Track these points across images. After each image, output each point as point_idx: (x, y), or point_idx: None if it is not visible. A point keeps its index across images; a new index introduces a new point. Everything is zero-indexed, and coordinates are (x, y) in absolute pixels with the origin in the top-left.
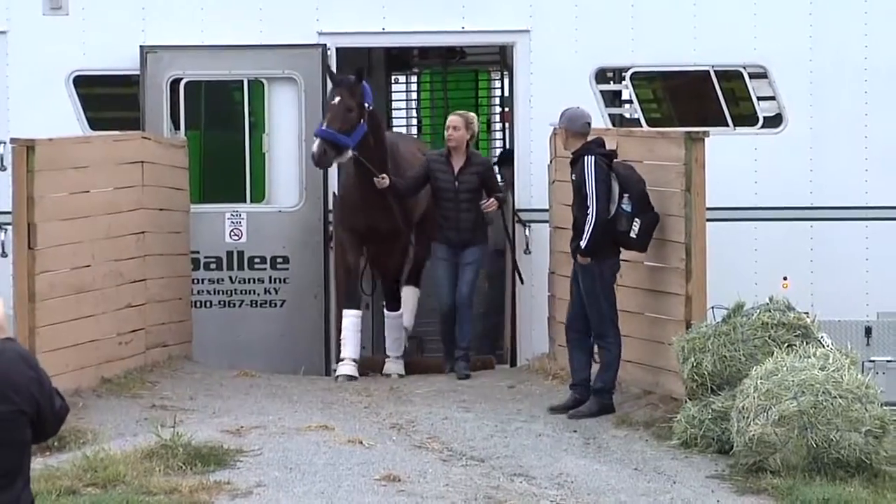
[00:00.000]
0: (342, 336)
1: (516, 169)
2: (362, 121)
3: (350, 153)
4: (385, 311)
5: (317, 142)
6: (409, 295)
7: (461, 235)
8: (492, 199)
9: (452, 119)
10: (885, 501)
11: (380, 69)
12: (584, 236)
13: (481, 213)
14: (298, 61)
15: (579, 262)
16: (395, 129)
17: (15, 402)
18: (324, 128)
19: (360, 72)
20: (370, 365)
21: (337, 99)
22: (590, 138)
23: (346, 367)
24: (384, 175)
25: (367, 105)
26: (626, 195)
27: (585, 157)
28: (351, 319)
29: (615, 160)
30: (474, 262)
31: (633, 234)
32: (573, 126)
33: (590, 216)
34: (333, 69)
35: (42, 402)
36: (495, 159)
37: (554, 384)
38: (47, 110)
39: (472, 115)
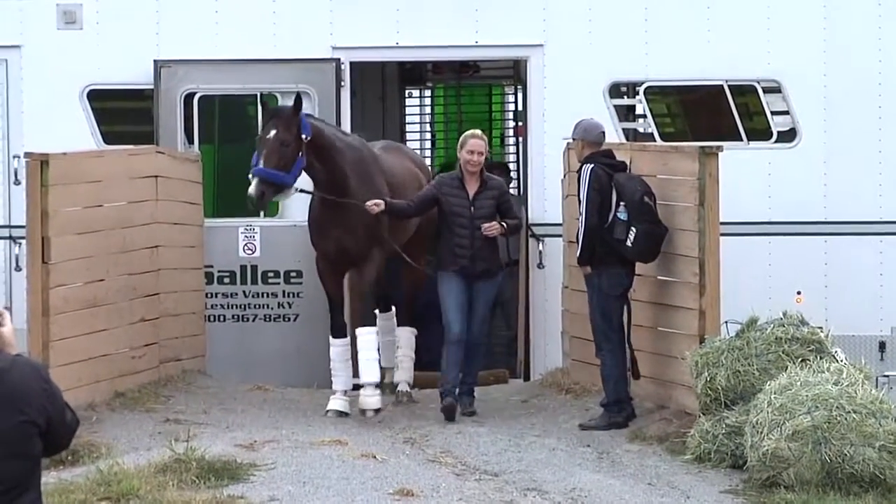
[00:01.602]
0: (331, 367)
1: (530, 183)
2: (300, 154)
3: (293, 190)
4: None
5: (254, 182)
6: (405, 339)
7: (476, 265)
8: (493, 223)
9: (475, 143)
10: None
11: (393, 83)
12: (577, 244)
13: (496, 241)
14: (312, 76)
15: (582, 271)
16: (407, 142)
17: (26, 413)
18: (260, 166)
19: (298, 99)
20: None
21: (272, 133)
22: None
23: (337, 402)
24: (378, 201)
25: (304, 137)
26: (622, 203)
27: (584, 167)
28: (338, 349)
29: (624, 171)
30: (489, 298)
31: (628, 243)
32: (589, 136)
33: (580, 224)
34: (347, 83)
35: (53, 415)
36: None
37: (567, 399)
38: (61, 125)
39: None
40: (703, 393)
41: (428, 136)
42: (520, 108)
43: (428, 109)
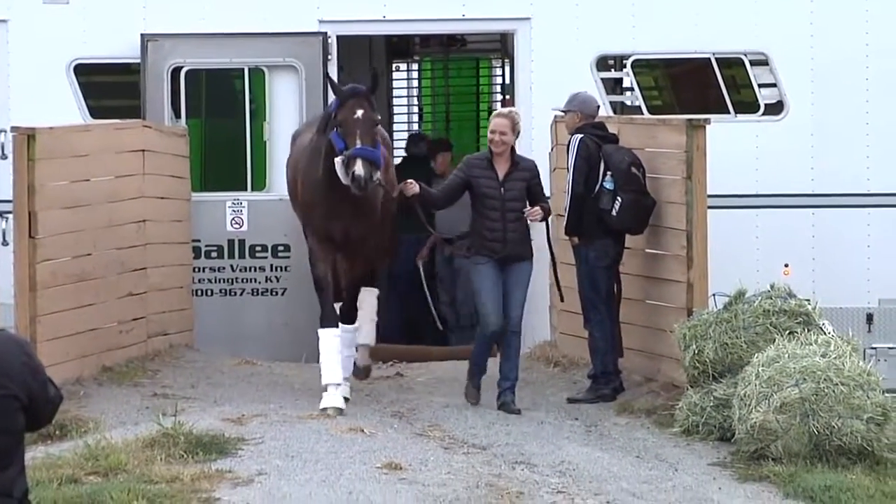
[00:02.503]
0: (321, 360)
1: None
2: None
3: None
4: (340, 324)
5: (359, 162)
6: (369, 300)
7: (508, 248)
8: (536, 207)
9: (498, 122)
10: (886, 488)
11: (380, 57)
12: (565, 213)
13: (527, 224)
14: (299, 49)
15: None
16: (394, 116)
17: (8, 387)
18: (360, 146)
19: (375, 76)
20: (375, 354)
21: (360, 112)
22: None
23: (333, 398)
24: (411, 181)
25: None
26: (609, 173)
27: (573, 137)
28: (329, 340)
29: (615, 143)
30: (524, 282)
31: (613, 213)
32: (586, 109)
33: (567, 193)
34: (334, 57)
35: (35, 389)
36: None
37: (555, 372)
38: (48, 99)
39: (517, 112)
40: (691, 366)
41: (415, 109)
42: (507, 81)
43: (415, 83)
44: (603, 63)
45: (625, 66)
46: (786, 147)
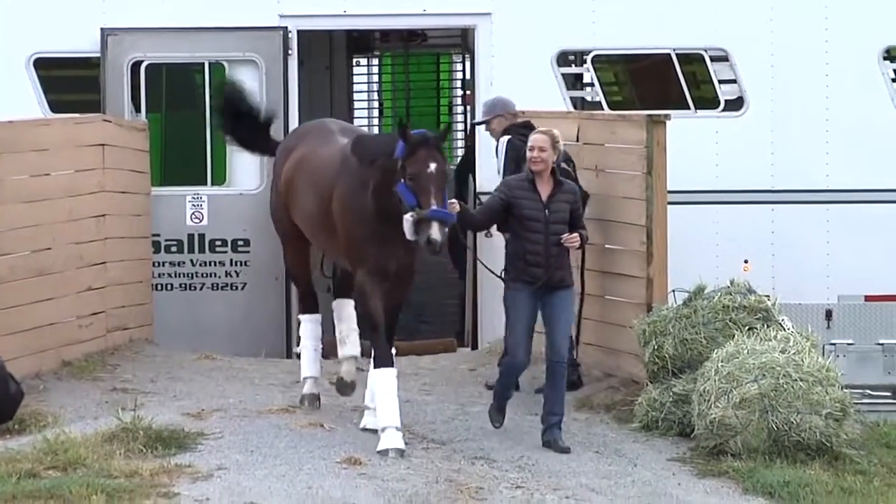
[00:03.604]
0: (381, 401)
1: (477, 151)
2: None
3: None
4: (374, 367)
5: (435, 226)
6: (348, 310)
7: (551, 275)
8: (575, 234)
9: (537, 138)
10: (845, 484)
11: (341, 52)
12: None
13: (568, 249)
14: (259, 44)
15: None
16: (355, 112)
17: None
18: (435, 207)
19: (448, 127)
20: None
21: (434, 166)
22: (540, 120)
23: (393, 439)
24: (453, 200)
25: None
26: None
27: (500, 140)
28: (390, 381)
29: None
30: (569, 309)
31: None
32: (511, 108)
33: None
34: (294, 52)
35: None
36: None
37: None
38: (7, 93)
39: (557, 131)
40: (651, 361)
41: (376, 104)
42: (468, 76)
43: (375, 78)
44: (563, 58)
45: (585, 62)
46: (746, 143)
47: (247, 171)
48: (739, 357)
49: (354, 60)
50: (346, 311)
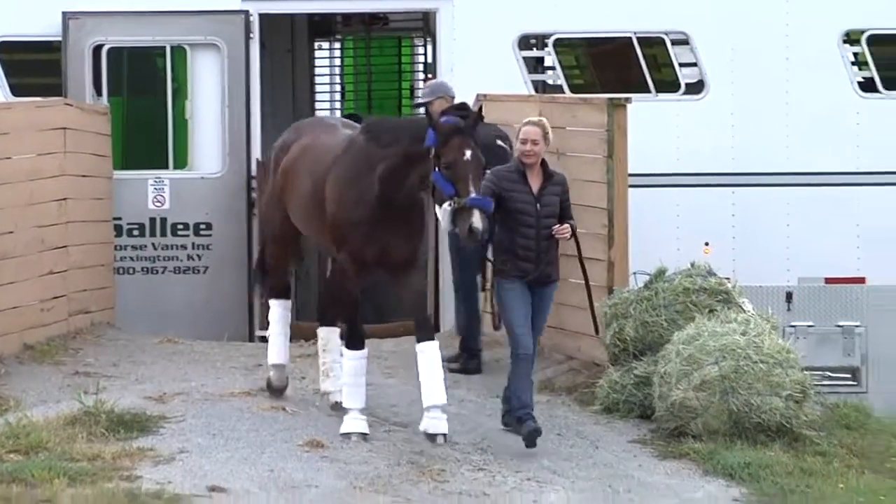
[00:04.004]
0: (346, 384)
1: None
2: None
3: None
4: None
5: (477, 215)
6: (337, 342)
7: (542, 269)
8: (566, 225)
9: (529, 131)
10: (805, 465)
11: (302, 36)
12: None
13: (558, 242)
14: (221, 28)
15: None
16: (316, 95)
17: None
18: (474, 195)
19: (480, 109)
20: (297, 333)
21: (469, 153)
22: (502, 104)
23: (355, 423)
24: None
25: None
26: None
27: None
28: (358, 363)
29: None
30: (549, 307)
31: None
32: (451, 92)
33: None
34: (256, 35)
35: None
36: None
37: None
38: None
39: (546, 121)
40: (612, 344)
41: (338, 88)
42: (429, 60)
43: (337, 62)
44: (525, 42)
45: (546, 46)
46: (706, 126)
47: (209, 155)
48: (700, 339)
49: (316, 44)
50: (332, 342)
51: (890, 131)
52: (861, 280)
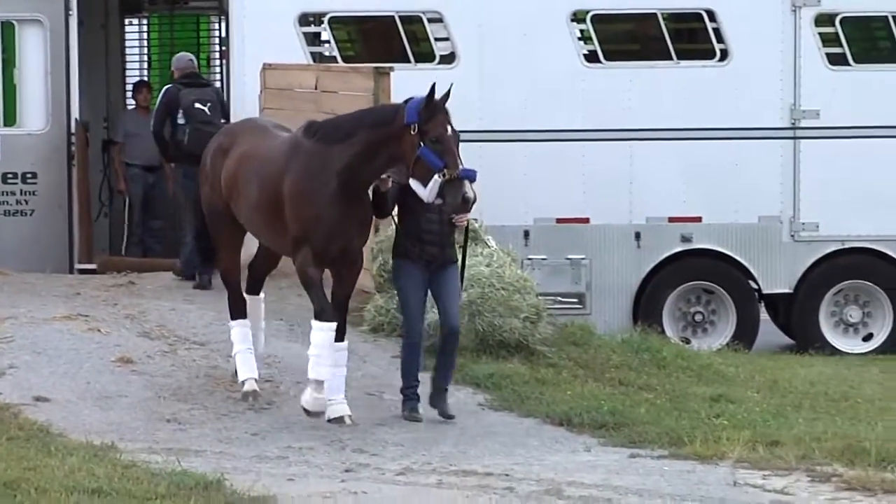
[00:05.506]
0: (313, 358)
1: (233, 100)
2: None
3: None
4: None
5: (466, 184)
6: (261, 306)
7: (444, 252)
8: (465, 214)
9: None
10: (539, 375)
11: (114, 12)
12: None
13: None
14: (44, 4)
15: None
16: (127, 66)
17: None
18: (463, 167)
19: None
20: (110, 266)
21: (450, 128)
22: (285, 72)
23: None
24: (385, 175)
25: None
26: (181, 110)
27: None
28: (328, 336)
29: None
30: (458, 283)
31: (185, 141)
32: (178, 64)
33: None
34: (74, 11)
35: None
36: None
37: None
38: None
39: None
40: (378, 274)
41: (146, 60)
42: (224, 35)
43: (145, 37)
44: (304, 19)
45: (323, 23)
46: (457, 90)
47: (35, 115)
48: None
49: (127, 20)
50: (258, 307)
51: (609, 97)
52: (586, 220)
